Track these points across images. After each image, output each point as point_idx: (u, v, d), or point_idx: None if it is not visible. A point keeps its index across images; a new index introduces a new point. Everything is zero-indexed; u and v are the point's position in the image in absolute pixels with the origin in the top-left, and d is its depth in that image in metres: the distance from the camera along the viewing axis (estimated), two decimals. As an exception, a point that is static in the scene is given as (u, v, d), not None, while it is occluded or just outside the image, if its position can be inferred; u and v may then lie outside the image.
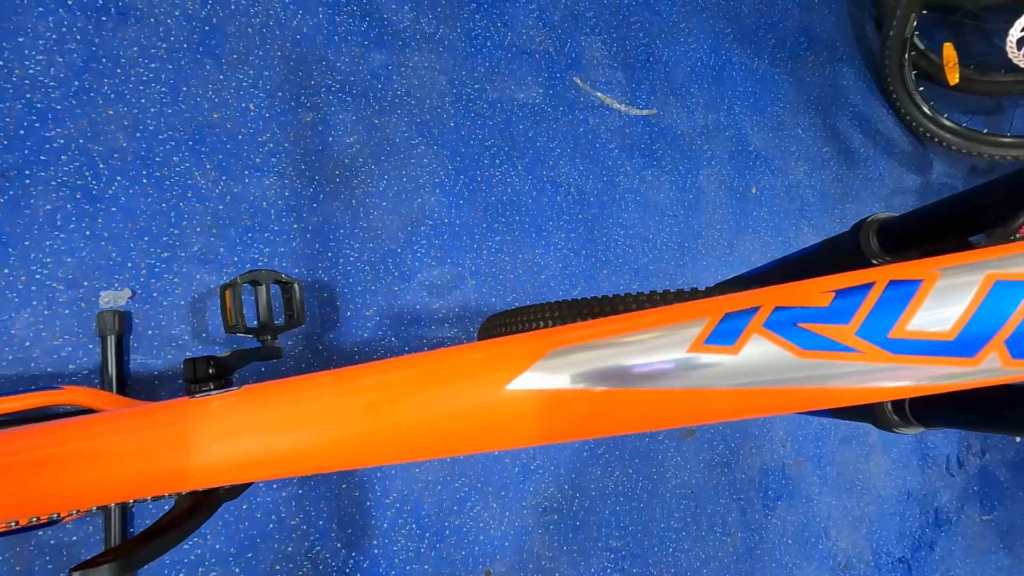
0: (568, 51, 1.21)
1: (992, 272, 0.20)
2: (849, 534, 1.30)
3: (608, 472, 1.08)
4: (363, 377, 0.22)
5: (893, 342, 0.20)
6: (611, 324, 0.22)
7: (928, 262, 0.21)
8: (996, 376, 0.20)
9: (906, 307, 0.20)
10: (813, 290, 0.21)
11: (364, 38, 1.03)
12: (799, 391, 0.20)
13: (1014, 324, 0.19)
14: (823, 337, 0.20)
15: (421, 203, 1.02)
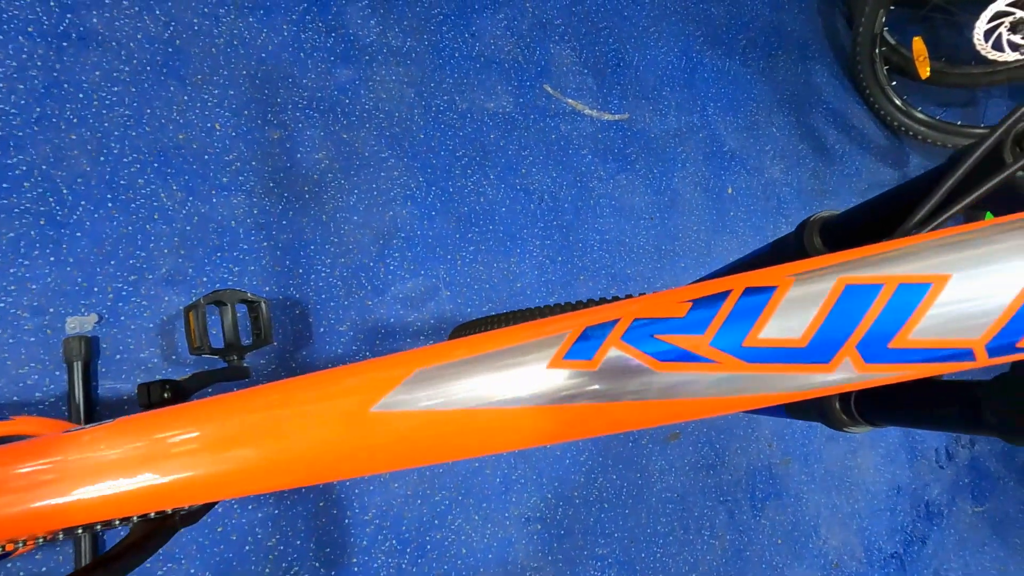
0: (537, 59, 1.21)
1: (843, 276, 0.20)
2: (840, 532, 1.29)
3: (591, 479, 1.07)
4: (231, 405, 0.22)
5: (747, 351, 0.20)
6: (478, 342, 0.21)
7: (784, 268, 0.21)
8: (853, 381, 0.20)
9: (759, 315, 0.20)
10: (672, 300, 0.21)
11: (330, 54, 1.03)
12: (658, 404, 0.20)
13: (865, 327, 0.19)
14: (679, 348, 0.20)
15: (393, 216, 1.02)
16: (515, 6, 1.21)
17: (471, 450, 0.21)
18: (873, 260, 0.20)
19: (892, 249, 0.20)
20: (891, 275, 0.19)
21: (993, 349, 0.19)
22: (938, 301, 0.19)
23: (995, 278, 0.19)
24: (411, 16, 1.11)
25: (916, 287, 0.19)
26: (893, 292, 0.19)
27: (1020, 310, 0.18)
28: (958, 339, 0.19)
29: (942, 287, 0.19)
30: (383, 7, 1.09)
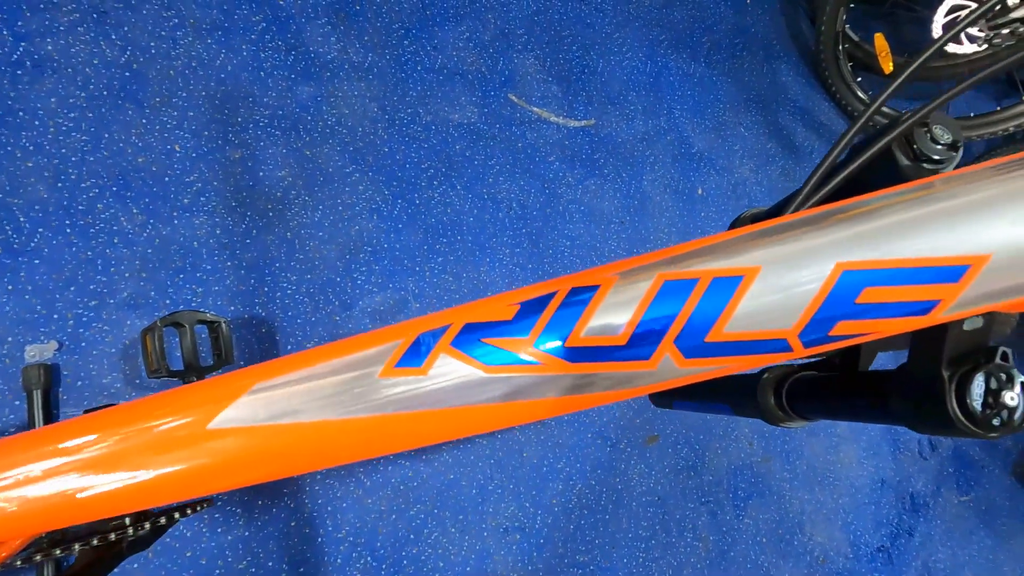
0: (501, 69, 1.22)
1: (663, 272, 0.20)
2: (825, 527, 1.29)
3: (570, 486, 1.07)
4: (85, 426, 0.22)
5: (570, 351, 0.20)
6: (316, 354, 0.21)
7: (609, 266, 0.21)
8: (676, 376, 0.20)
9: (581, 315, 0.20)
10: (503, 303, 0.21)
11: (291, 72, 1.03)
12: (489, 408, 0.20)
13: (681, 322, 0.19)
14: (505, 351, 0.20)
15: (359, 230, 1.02)
16: (477, 18, 1.22)
17: (308, 464, 0.21)
18: (691, 255, 0.20)
19: (710, 244, 0.20)
20: (706, 269, 0.19)
21: (807, 339, 0.19)
22: (750, 293, 0.19)
23: (803, 269, 0.19)
24: (372, 31, 1.12)
25: (729, 280, 0.19)
26: (707, 286, 0.19)
27: (828, 299, 0.18)
28: (772, 330, 0.19)
29: (753, 279, 0.19)
30: (343, 24, 1.09)
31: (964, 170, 0.20)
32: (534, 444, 1.06)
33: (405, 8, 1.16)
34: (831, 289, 0.18)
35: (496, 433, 1.04)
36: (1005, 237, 0.18)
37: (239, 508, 0.85)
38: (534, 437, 1.06)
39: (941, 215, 0.19)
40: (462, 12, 1.21)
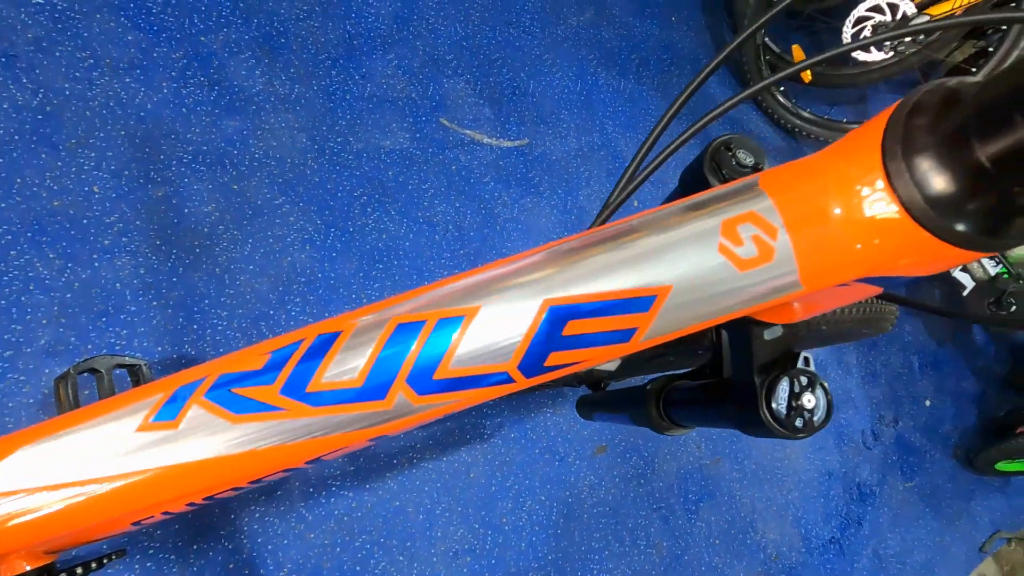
0: (432, 94, 1.24)
1: (398, 316, 0.21)
2: (776, 524, 1.31)
3: (519, 503, 1.07)
4: None
5: (312, 396, 0.21)
6: (85, 413, 0.22)
7: (352, 313, 0.23)
8: (413, 413, 0.21)
9: (323, 360, 0.21)
10: (256, 353, 0.22)
11: (215, 107, 1.03)
12: (241, 458, 0.21)
13: (411, 362, 0.20)
14: (252, 400, 0.21)
15: (291, 261, 1.02)
16: (405, 45, 1.24)
17: (72, 525, 0.21)
18: (425, 298, 0.21)
19: (441, 287, 0.22)
20: (434, 312, 0.21)
21: (526, 369, 0.21)
22: (470, 331, 0.20)
23: (516, 307, 0.20)
24: (298, 63, 1.12)
25: (453, 320, 0.20)
26: (434, 327, 0.20)
27: (538, 333, 0.20)
28: (493, 364, 0.20)
29: (473, 318, 0.20)
30: (268, 56, 1.10)
31: (661, 208, 0.22)
32: (481, 464, 1.06)
33: (331, 39, 1.17)
34: (540, 324, 0.20)
35: (442, 456, 1.04)
36: (682, 270, 0.20)
37: (172, 554, 0.83)
38: (481, 457, 1.06)
39: (632, 252, 0.21)
40: (390, 40, 1.23)
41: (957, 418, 1.73)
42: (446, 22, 1.30)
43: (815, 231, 0.20)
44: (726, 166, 0.32)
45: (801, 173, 0.22)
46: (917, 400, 1.66)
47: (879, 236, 0.19)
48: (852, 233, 0.20)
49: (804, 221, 0.20)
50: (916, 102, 0.20)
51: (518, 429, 1.11)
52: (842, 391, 1.51)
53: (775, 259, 0.20)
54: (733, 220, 0.20)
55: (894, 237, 0.19)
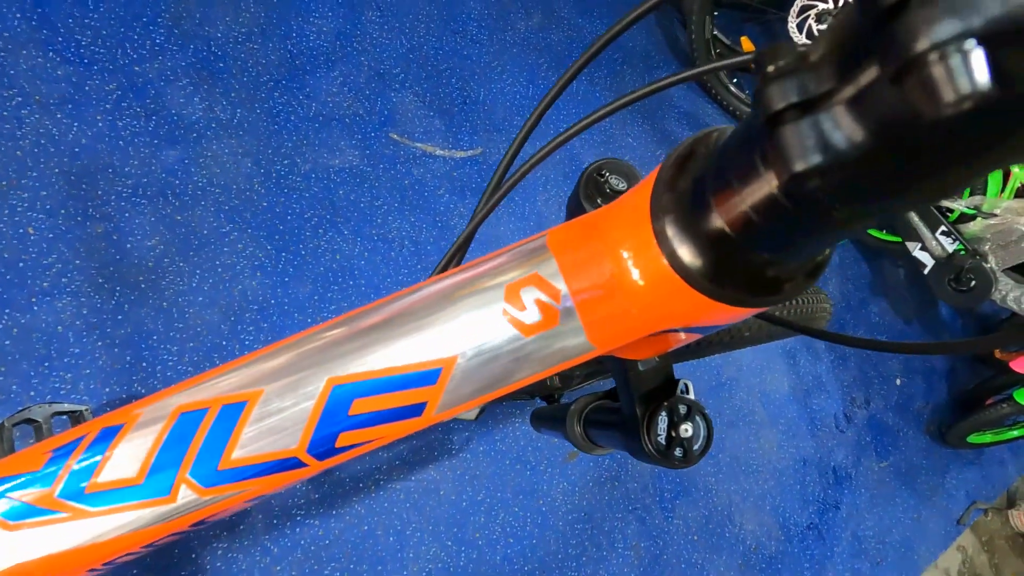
0: (379, 110, 1.23)
1: (182, 404, 0.20)
2: (754, 515, 1.32)
3: (492, 516, 1.06)
4: None
5: (91, 497, 0.20)
6: None
7: (137, 403, 0.22)
8: (200, 507, 0.21)
9: (103, 456, 0.20)
10: (39, 451, 0.21)
11: (153, 137, 1.01)
12: (25, 568, 0.20)
13: (193, 454, 0.20)
14: (29, 505, 0.20)
15: (242, 289, 1.00)
16: (350, 62, 1.23)
17: None
18: (209, 383, 0.21)
19: (227, 370, 0.21)
20: (217, 397, 0.20)
21: (316, 453, 0.20)
22: (253, 416, 0.19)
23: (300, 388, 0.20)
24: (239, 87, 1.10)
25: (235, 406, 0.20)
26: (216, 414, 0.20)
27: (324, 414, 0.19)
28: (280, 450, 0.20)
29: (256, 402, 0.19)
30: (207, 82, 1.08)
31: (453, 271, 0.22)
32: (450, 480, 1.05)
33: (272, 60, 1.15)
34: (325, 405, 0.19)
35: (410, 475, 1.02)
36: (467, 340, 0.20)
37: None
38: (449, 473, 1.05)
39: (415, 323, 0.20)
40: (333, 58, 1.21)
41: (928, 395, 1.75)
42: (391, 35, 1.29)
43: (597, 292, 0.19)
44: (601, 193, 0.32)
45: (583, 231, 0.21)
46: (887, 380, 1.68)
47: (656, 297, 0.19)
48: (632, 294, 0.19)
49: (586, 283, 0.20)
50: (677, 155, 0.19)
51: (486, 442, 1.10)
52: (812, 377, 1.52)
53: (559, 323, 0.19)
54: (516, 284, 0.19)
55: (671, 297, 0.18)
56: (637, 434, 0.31)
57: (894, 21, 0.10)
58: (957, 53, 0.10)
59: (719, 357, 1.41)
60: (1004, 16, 0.10)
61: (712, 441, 0.32)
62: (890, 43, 0.11)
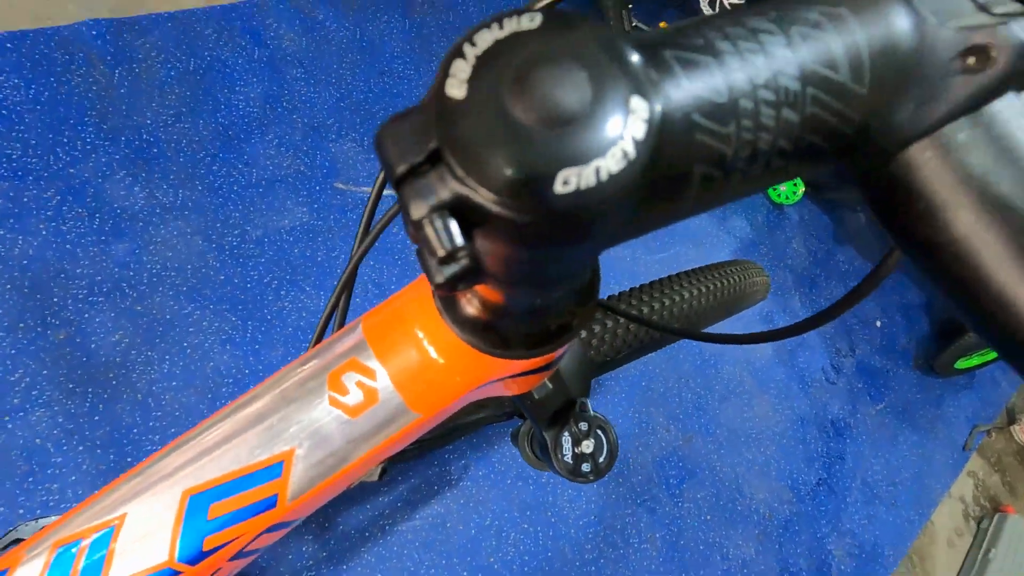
0: (320, 163, 1.24)
1: (57, 539, 0.22)
2: (762, 483, 1.34)
3: (503, 538, 1.07)
4: None
5: None
6: None
7: (29, 541, 0.23)
8: None
9: None
10: None
11: (99, 235, 1.02)
12: None
13: None
14: None
15: (215, 365, 1.01)
16: (282, 122, 1.25)
17: None
18: (80, 515, 0.22)
19: (94, 501, 0.22)
20: (87, 527, 0.22)
21: (187, 559, 0.22)
22: (122, 539, 0.21)
23: (159, 505, 0.21)
24: (176, 168, 1.12)
25: (106, 532, 0.21)
26: (89, 545, 0.21)
27: (185, 524, 0.21)
28: (153, 564, 0.21)
29: (122, 525, 0.21)
30: (144, 170, 1.09)
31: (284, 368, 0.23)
32: (455, 511, 1.06)
33: (205, 135, 1.17)
34: (184, 515, 0.21)
35: (414, 515, 1.03)
36: (300, 430, 0.21)
37: None
38: (453, 504, 1.06)
39: (251, 423, 0.22)
40: (266, 121, 1.23)
41: (910, 331, 1.79)
42: (318, 88, 1.31)
43: (409, 368, 0.21)
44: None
45: (391, 315, 0.23)
46: (868, 324, 1.71)
47: (460, 366, 0.21)
48: (438, 367, 0.21)
49: (398, 362, 0.21)
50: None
51: (484, 465, 1.11)
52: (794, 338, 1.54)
53: (380, 400, 0.21)
54: (338, 371, 0.21)
55: (473, 364, 0.20)
56: (548, 459, 0.33)
57: (400, 193, 0.13)
58: (430, 223, 0.13)
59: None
60: (454, 197, 0.13)
61: (616, 451, 0.34)
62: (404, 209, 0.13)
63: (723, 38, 0.13)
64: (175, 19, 1.24)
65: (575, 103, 0.11)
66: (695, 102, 0.13)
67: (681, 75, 0.13)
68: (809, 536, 1.32)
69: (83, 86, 1.11)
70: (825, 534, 1.34)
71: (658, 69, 0.13)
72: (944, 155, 0.14)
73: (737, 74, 0.13)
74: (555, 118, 0.11)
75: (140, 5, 1.22)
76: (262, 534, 0.27)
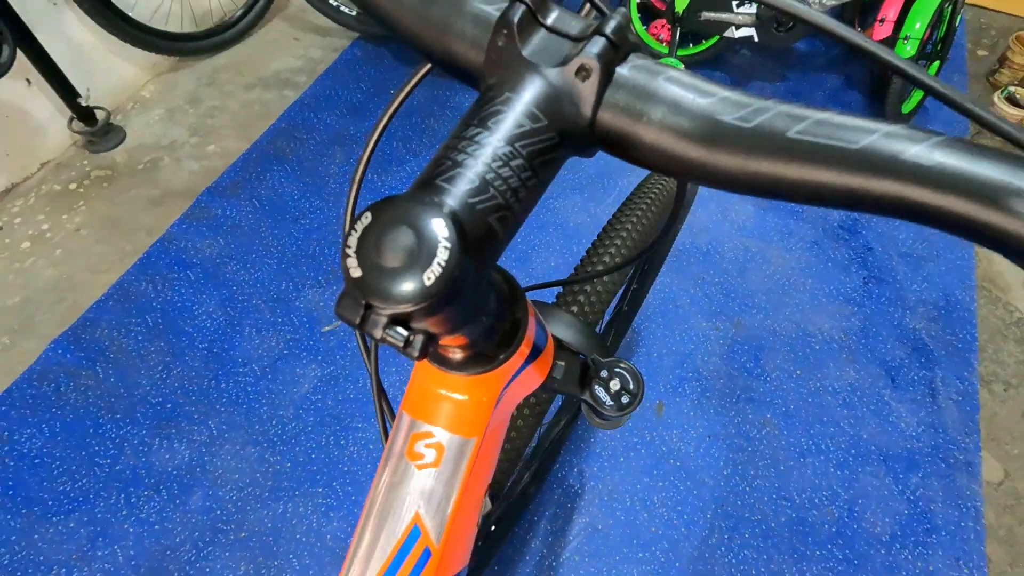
0: (299, 323, 1.32)
1: None
2: (821, 315, 1.38)
3: (649, 506, 1.12)
4: None
5: None
6: None
7: None
8: None
9: None
10: None
11: (173, 500, 1.09)
12: None
13: None
14: None
15: (331, 535, 1.07)
16: (248, 317, 1.32)
17: None
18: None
19: None
20: None
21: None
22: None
23: None
24: (194, 407, 1.19)
25: None
26: None
27: None
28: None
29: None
30: (171, 427, 1.16)
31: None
32: (597, 513, 1.10)
33: (197, 366, 1.24)
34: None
35: (568, 536, 1.08)
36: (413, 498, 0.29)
37: None
38: (592, 508, 1.11)
39: (379, 524, 0.29)
40: (233, 322, 1.31)
41: (852, 106, 1.85)
42: (256, 266, 1.39)
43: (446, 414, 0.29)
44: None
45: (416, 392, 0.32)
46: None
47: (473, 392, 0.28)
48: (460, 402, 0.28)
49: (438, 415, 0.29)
50: None
51: (594, 461, 1.16)
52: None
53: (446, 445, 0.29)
54: (408, 449, 0.29)
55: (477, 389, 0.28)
56: (599, 416, 0.40)
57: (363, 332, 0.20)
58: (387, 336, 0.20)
59: (688, 241, 1.50)
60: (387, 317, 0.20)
61: (637, 372, 0.40)
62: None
63: (457, 152, 0.21)
64: (112, 296, 1.33)
65: (408, 247, 0.18)
66: (464, 193, 0.21)
67: (448, 188, 0.20)
68: (889, 328, 1.37)
69: (80, 398, 1.19)
70: (900, 317, 1.39)
71: (438, 194, 0.20)
72: (614, 112, 0.21)
73: (476, 166, 0.20)
74: (404, 260, 0.19)
75: (82, 298, 1.31)
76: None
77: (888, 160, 0.18)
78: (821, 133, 0.20)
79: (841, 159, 0.19)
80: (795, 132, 0.20)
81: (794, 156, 0.20)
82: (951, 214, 0.18)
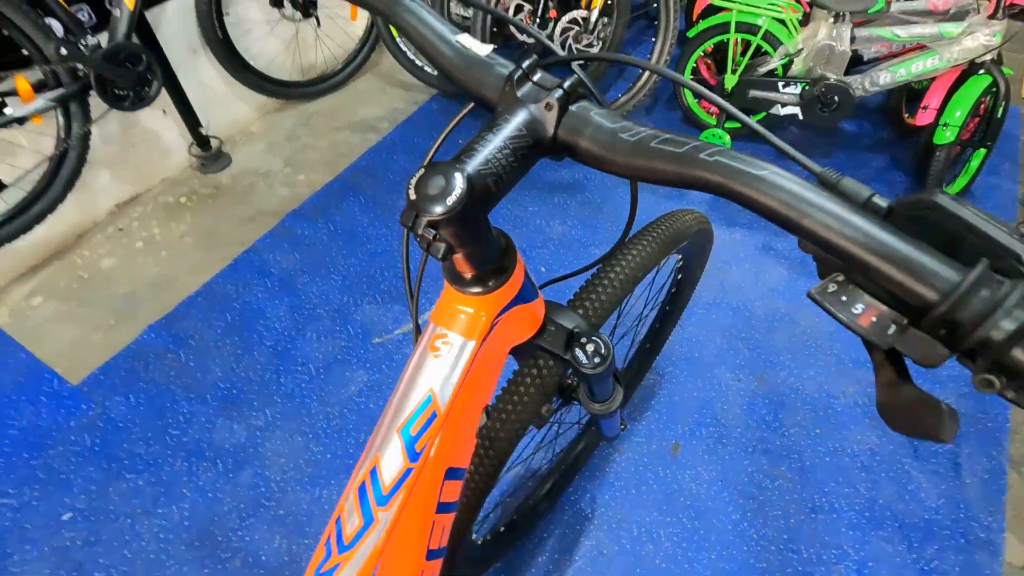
0: (355, 333, 1.48)
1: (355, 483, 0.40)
2: (844, 377, 1.41)
3: (655, 539, 1.16)
4: None
5: None
6: None
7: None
8: None
9: None
10: None
11: (226, 474, 1.23)
12: None
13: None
14: None
15: (358, 524, 1.17)
16: (312, 320, 1.50)
17: None
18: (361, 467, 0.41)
19: (361, 461, 0.41)
20: (365, 469, 0.40)
21: (412, 459, 0.39)
22: (384, 464, 0.39)
23: (389, 442, 0.40)
24: (255, 395, 1.35)
25: (373, 468, 0.39)
26: (370, 478, 0.39)
27: (403, 440, 0.39)
28: (399, 469, 0.39)
29: (381, 459, 0.40)
30: (234, 410, 1.32)
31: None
32: (604, 539, 1.16)
33: (263, 361, 1.41)
34: (402, 439, 0.39)
35: (573, 557, 1.13)
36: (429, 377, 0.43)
37: None
38: (599, 533, 1.16)
39: (404, 395, 0.41)
40: (299, 326, 1.48)
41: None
42: (325, 281, 1.58)
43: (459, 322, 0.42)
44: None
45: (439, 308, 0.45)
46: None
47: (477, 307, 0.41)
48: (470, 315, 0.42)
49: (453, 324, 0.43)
50: None
51: (607, 489, 1.22)
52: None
53: (453, 342, 0.42)
54: (430, 345, 0.42)
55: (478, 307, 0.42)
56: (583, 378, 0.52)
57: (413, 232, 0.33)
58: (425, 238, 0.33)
59: (719, 296, 1.57)
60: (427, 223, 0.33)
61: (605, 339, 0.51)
62: None
63: (477, 143, 0.34)
64: (201, 294, 1.54)
65: (441, 186, 0.32)
66: (476, 165, 0.34)
67: (468, 161, 0.34)
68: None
69: (163, 376, 1.38)
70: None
71: (462, 163, 0.33)
72: (566, 130, 0.35)
73: (486, 151, 0.34)
74: (438, 192, 0.32)
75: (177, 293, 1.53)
76: (445, 480, 0.45)
77: (694, 158, 0.32)
78: (667, 143, 0.33)
79: (673, 156, 0.32)
80: (655, 143, 0.33)
81: (653, 156, 0.33)
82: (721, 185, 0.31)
